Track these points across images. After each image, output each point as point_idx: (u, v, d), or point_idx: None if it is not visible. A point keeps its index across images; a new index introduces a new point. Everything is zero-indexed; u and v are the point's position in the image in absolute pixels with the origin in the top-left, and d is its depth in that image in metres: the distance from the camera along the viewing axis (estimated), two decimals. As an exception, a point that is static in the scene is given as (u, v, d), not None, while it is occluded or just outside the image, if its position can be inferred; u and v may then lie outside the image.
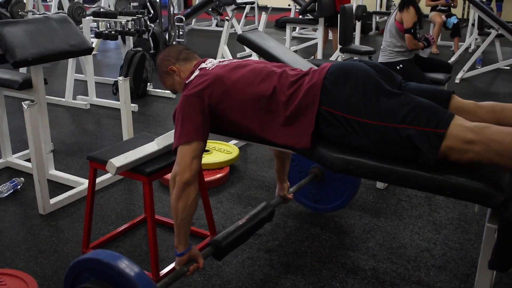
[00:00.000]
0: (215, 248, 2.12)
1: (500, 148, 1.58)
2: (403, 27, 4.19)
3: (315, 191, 2.95)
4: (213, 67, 2.11)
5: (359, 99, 1.79)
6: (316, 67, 2.04)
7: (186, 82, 2.13)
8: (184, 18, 6.94)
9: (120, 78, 3.39)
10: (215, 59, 2.31)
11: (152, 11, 7.17)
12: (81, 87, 5.89)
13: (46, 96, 4.97)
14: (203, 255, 2.07)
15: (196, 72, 2.14)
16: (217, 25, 11.53)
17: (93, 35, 6.19)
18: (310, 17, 7.35)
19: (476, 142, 1.61)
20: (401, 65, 4.22)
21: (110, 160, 2.26)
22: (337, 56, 6.35)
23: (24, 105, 2.82)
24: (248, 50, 3.51)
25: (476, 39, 8.44)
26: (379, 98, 1.77)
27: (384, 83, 1.84)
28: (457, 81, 6.66)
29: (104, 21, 5.67)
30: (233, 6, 7.57)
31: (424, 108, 1.71)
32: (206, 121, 2.00)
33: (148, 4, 7.24)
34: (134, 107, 5.14)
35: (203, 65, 2.16)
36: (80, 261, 1.72)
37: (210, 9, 8.78)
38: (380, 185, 3.36)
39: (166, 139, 2.48)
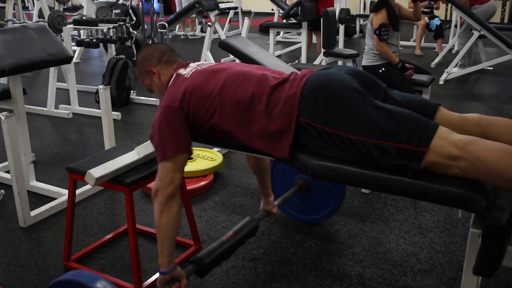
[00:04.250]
0: (198, 266, 2.07)
1: (484, 168, 1.55)
2: None
3: (300, 202, 2.91)
4: (191, 73, 2.07)
5: (338, 112, 1.74)
6: (298, 72, 2.00)
7: (167, 86, 2.11)
8: (167, 24, 6.90)
9: (101, 86, 3.34)
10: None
11: (134, 18, 7.13)
12: (63, 96, 5.83)
13: (28, 106, 4.95)
14: (186, 273, 2.02)
15: (174, 77, 2.12)
16: (201, 30, 11.49)
17: (74, 43, 6.12)
18: (294, 21, 7.35)
19: (460, 158, 1.58)
20: (383, 68, 4.21)
21: (89, 171, 2.22)
22: (321, 60, 6.34)
23: (1, 116, 2.77)
24: (231, 56, 3.48)
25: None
26: (360, 110, 1.72)
27: (367, 93, 1.79)
28: (441, 82, 6.68)
29: (85, 29, 5.62)
30: (216, 12, 7.54)
31: (406, 121, 1.67)
32: (186, 131, 1.98)
33: (130, 11, 7.20)
34: (117, 115, 5.09)
35: (182, 71, 2.12)
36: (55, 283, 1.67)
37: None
38: (365, 189, 3.34)
39: (147, 148, 2.44)
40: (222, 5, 7.78)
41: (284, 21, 7.87)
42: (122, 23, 5.69)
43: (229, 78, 1.98)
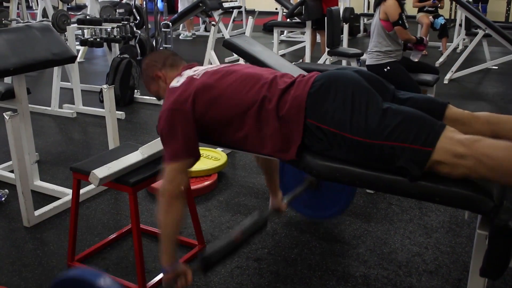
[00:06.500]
0: (205, 264, 2.06)
1: (492, 164, 1.53)
2: (389, 25, 4.15)
3: (310, 198, 2.89)
4: (201, 74, 2.05)
5: (345, 113, 1.73)
6: (305, 73, 1.99)
7: (170, 87, 2.07)
8: (170, 24, 6.88)
9: (105, 86, 3.34)
10: (202, 65, 2.26)
11: (138, 17, 7.11)
12: (67, 96, 5.83)
13: (32, 105, 4.95)
14: (191, 269, 2.02)
15: (182, 80, 2.06)
16: (205, 30, 11.48)
17: (78, 43, 6.12)
18: (298, 20, 7.33)
19: (467, 156, 1.56)
20: (388, 67, 4.19)
21: (93, 171, 2.21)
22: (325, 59, 6.32)
23: (5, 116, 2.77)
24: (236, 55, 3.48)
25: (464, 39, 8.46)
26: (367, 110, 1.71)
27: (375, 92, 1.78)
28: (445, 81, 6.65)
29: (89, 28, 5.62)
30: (220, 11, 7.53)
31: (412, 121, 1.66)
32: (193, 133, 1.95)
33: (134, 10, 7.18)
34: (121, 114, 5.09)
35: (189, 72, 2.09)
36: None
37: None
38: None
39: (151, 148, 2.43)
40: (226, 4, 7.77)
41: (288, 20, 7.85)
42: (126, 22, 5.69)
43: (240, 81, 1.97)
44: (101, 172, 2.22)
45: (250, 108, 1.90)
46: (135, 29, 6.23)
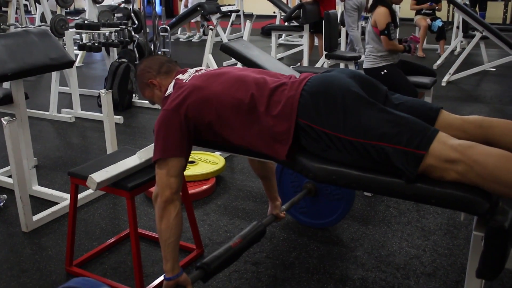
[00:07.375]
0: (204, 272, 2.07)
1: (482, 171, 1.54)
2: (379, 30, 4.17)
3: (308, 206, 2.90)
4: (189, 78, 2.08)
5: (338, 115, 1.74)
6: (297, 75, 2.01)
7: (165, 95, 2.11)
8: (169, 28, 6.90)
9: (103, 90, 3.34)
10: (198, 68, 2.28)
11: (136, 22, 7.13)
12: (65, 100, 5.84)
13: (30, 110, 4.96)
14: (191, 279, 2.02)
15: (172, 83, 2.12)
16: (204, 33, 11.49)
17: (76, 47, 6.13)
18: (295, 23, 7.35)
19: (459, 161, 1.57)
20: (385, 70, 4.20)
21: (91, 175, 2.22)
22: (323, 62, 6.34)
23: (3, 121, 2.77)
24: (233, 59, 3.50)
25: (461, 41, 8.47)
26: (359, 113, 1.72)
27: (367, 95, 1.79)
28: (443, 84, 6.67)
29: (87, 33, 5.62)
30: (218, 15, 7.55)
31: (406, 125, 1.67)
32: (184, 136, 1.97)
33: (132, 14, 7.20)
34: (119, 119, 5.09)
35: (180, 77, 2.13)
36: None
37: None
38: (367, 192, 3.33)
39: (148, 152, 2.44)
40: (224, 8, 7.79)
41: (286, 23, 7.87)
42: (124, 26, 5.70)
43: (228, 80, 1.99)
44: (99, 176, 2.23)
45: (239, 107, 1.92)
46: (133, 33, 6.24)
